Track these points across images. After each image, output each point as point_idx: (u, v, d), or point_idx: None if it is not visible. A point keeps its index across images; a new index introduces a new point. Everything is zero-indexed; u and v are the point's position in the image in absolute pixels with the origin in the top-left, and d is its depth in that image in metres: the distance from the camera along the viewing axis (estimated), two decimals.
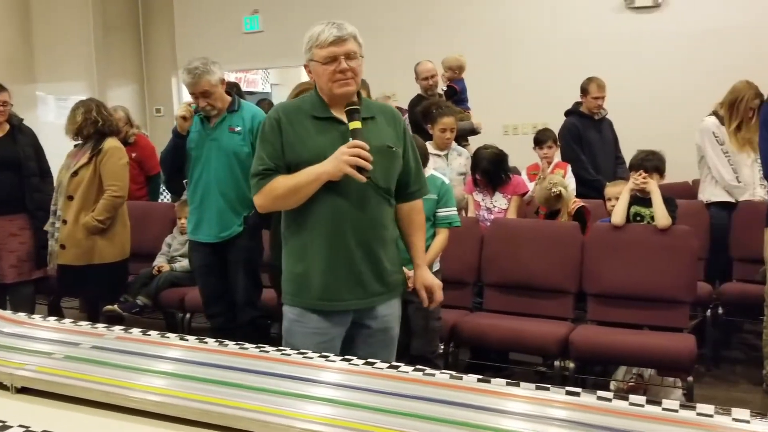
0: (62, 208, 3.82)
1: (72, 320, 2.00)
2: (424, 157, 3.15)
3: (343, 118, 2.12)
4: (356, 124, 2.08)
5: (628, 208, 3.60)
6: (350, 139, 2.07)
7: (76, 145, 3.99)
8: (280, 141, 2.14)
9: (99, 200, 3.82)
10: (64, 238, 3.82)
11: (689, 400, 3.06)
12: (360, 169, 2.01)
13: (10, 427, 1.28)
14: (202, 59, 3.23)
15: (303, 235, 2.16)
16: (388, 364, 1.59)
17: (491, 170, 3.95)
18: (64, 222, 3.82)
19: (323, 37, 2.10)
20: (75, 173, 3.82)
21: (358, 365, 1.58)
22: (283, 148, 2.13)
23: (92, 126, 3.86)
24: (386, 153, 2.15)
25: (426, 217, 3.10)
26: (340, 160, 2.02)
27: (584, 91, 4.92)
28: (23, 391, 1.47)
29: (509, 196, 4.02)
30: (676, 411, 1.31)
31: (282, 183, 2.12)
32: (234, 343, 1.78)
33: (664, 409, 1.32)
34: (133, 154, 4.79)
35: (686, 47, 6.07)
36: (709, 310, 3.86)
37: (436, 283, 2.33)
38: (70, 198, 3.81)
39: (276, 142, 2.14)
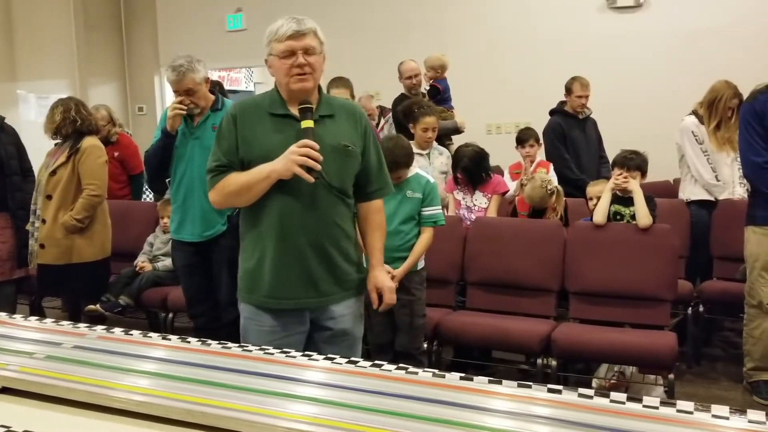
0: (41, 207, 3.80)
1: (54, 320, 1.98)
2: (409, 157, 3.16)
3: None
4: (308, 123, 2.05)
5: (609, 207, 3.63)
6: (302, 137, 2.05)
7: (56, 144, 3.96)
8: (235, 137, 2.13)
9: (77, 199, 3.80)
10: (43, 238, 3.79)
11: (670, 397, 3.09)
12: (309, 170, 2.00)
13: None
14: (187, 57, 3.22)
15: (256, 233, 2.17)
16: (371, 363, 1.60)
17: (471, 168, 3.96)
18: (44, 221, 3.79)
19: (282, 32, 2.10)
20: (53, 172, 3.79)
21: (341, 364, 1.58)
22: (237, 145, 2.13)
23: (71, 125, 3.83)
24: (341, 152, 2.13)
25: (411, 216, 3.14)
26: (289, 160, 2.01)
27: (568, 90, 4.97)
28: (4, 391, 1.46)
29: (489, 195, 4.04)
30: (657, 408, 1.32)
31: (234, 180, 2.12)
32: (217, 342, 1.77)
33: (644, 406, 1.33)
34: (116, 153, 4.76)
35: (668, 47, 6.14)
36: (690, 308, 3.91)
37: (388, 286, 2.27)
38: (49, 197, 3.79)
39: (231, 139, 2.14)
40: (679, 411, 1.31)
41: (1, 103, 4.52)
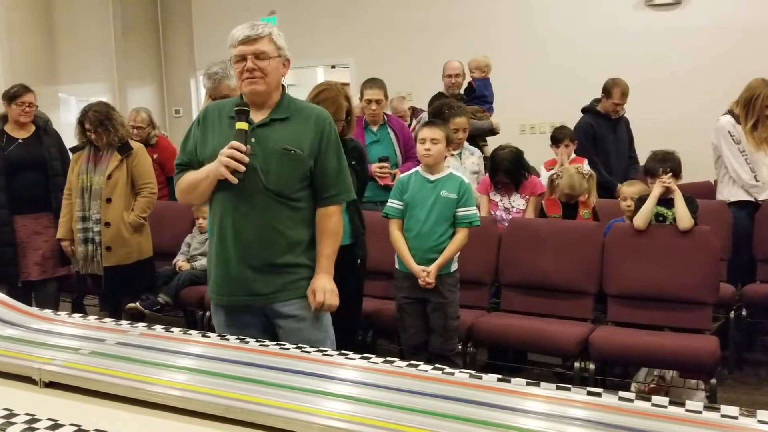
0: (102, 210, 3.84)
1: (97, 317, 2.03)
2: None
3: (258, 117, 2.17)
4: (241, 125, 2.09)
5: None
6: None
7: (78, 148, 3.98)
8: (196, 138, 2.23)
9: (131, 199, 3.92)
10: (110, 240, 3.85)
11: (712, 402, 3.02)
12: (235, 172, 2.04)
13: (39, 420, 1.30)
14: (221, 64, 3.24)
15: (210, 231, 2.28)
16: (407, 363, 1.60)
17: (513, 170, 3.92)
18: (107, 224, 3.84)
19: (235, 36, 2.16)
20: (109, 176, 3.86)
21: (377, 363, 1.59)
22: (197, 145, 2.22)
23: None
24: (282, 155, 2.14)
25: (446, 217, 3.12)
26: (218, 161, 2.07)
27: (607, 93, 4.83)
28: (51, 385, 1.50)
29: (527, 197, 4.00)
30: (700, 412, 1.30)
31: (187, 178, 2.22)
32: (255, 340, 1.80)
33: (687, 410, 1.31)
34: (155, 156, 4.83)
35: (706, 45, 6.01)
36: (732, 312, 3.82)
37: (321, 286, 2.20)
38: (109, 200, 3.85)
39: (193, 139, 2.24)
40: (723, 416, 1.28)
41: (43, 106, 4.61)
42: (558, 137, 4.50)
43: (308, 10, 7.49)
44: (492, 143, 5.07)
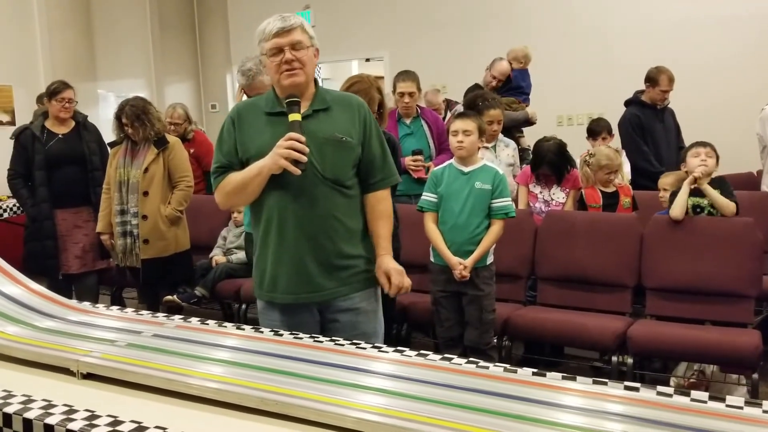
0: (139, 204, 3.91)
1: (134, 309, 2.07)
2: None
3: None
4: (295, 116, 2.06)
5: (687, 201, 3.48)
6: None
7: (116, 143, 4.04)
8: (234, 139, 2.17)
9: (167, 193, 3.97)
10: (147, 233, 3.91)
11: (754, 398, 2.95)
12: (296, 162, 2.00)
13: (77, 411, 1.33)
14: (255, 59, 3.25)
15: (259, 229, 2.20)
16: (441, 356, 1.59)
17: (558, 162, 3.88)
18: (144, 217, 3.91)
19: (268, 30, 2.12)
20: (146, 170, 3.93)
21: (410, 356, 1.58)
22: (236, 146, 2.16)
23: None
24: (335, 144, 2.12)
25: (480, 209, 3.10)
26: (276, 154, 2.02)
27: (653, 81, 4.70)
28: (89, 377, 1.53)
29: (567, 190, 3.94)
30: (741, 408, 1.27)
31: (232, 179, 2.14)
32: (289, 333, 1.81)
33: (728, 405, 1.28)
34: (191, 150, 4.89)
35: (750, 34, 5.85)
36: None
37: (394, 267, 2.18)
38: (146, 194, 3.92)
39: (230, 140, 2.18)
40: (765, 411, 1.25)
41: (82, 102, 4.71)
42: (595, 130, 4.43)
43: (343, 4, 7.50)
44: (528, 134, 5.01)
